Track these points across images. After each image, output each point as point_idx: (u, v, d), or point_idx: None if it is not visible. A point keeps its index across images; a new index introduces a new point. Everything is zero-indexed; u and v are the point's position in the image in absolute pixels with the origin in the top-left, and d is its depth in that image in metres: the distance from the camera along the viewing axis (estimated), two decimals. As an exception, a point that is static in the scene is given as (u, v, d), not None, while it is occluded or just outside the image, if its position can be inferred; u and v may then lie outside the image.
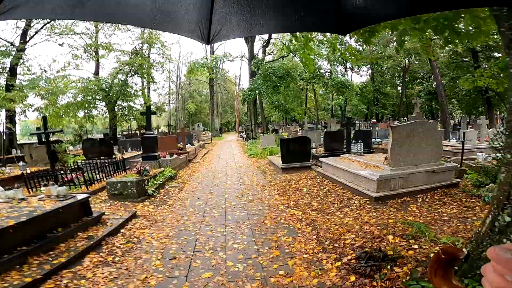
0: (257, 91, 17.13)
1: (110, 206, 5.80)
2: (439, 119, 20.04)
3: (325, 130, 16.60)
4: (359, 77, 46.57)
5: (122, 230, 4.45)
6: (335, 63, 23.54)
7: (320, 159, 8.01)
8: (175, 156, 10.08)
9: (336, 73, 22.93)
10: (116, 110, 23.66)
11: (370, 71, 39.86)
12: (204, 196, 6.36)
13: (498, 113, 26.28)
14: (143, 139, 8.99)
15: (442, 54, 22.62)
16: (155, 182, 6.88)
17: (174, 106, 48.22)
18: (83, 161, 8.90)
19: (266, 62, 19.06)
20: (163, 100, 43.80)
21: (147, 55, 28.37)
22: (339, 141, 9.30)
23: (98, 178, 7.21)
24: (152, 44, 28.09)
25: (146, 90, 32.56)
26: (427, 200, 5.42)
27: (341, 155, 7.99)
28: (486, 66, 22.04)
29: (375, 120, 25.43)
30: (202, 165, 11.33)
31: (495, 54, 19.13)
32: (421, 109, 42.64)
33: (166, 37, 45.05)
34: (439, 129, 6.56)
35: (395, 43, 30.47)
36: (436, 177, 6.01)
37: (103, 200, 6.11)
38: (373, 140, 10.97)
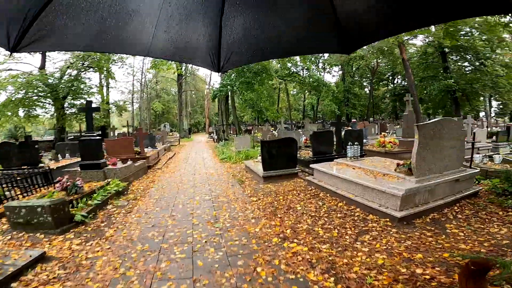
0: (229, 88, 15.43)
1: (10, 240, 3.82)
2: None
3: (314, 130, 15.39)
4: (331, 77, 46.86)
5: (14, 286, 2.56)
6: (308, 62, 22.66)
7: (311, 165, 6.54)
8: (129, 162, 8.01)
9: (313, 70, 21.94)
10: (66, 108, 20.45)
11: (341, 72, 40.15)
12: (161, 222, 4.52)
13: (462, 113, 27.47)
14: (81, 142, 6.82)
15: (414, 55, 22.82)
16: (91, 202, 4.88)
17: (138, 105, 44.64)
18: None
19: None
20: (126, 99, 40.12)
21: None
22: (328, 143, 7.95)
23: (10, 195, 5.05)
24: None
25: (105, 87, 29.34)
26: (459, 216, 4.21)
27: (334, 160, 6.61)
28: (454, 67, 22.78)
29: (355, 120, 25.02)
30: (165, 172, 9.33)
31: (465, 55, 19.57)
32: (386, 110, 44.24)
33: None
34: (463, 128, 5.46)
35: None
36: (459, 186, 4.84)
37: (2, 231, 4.06)
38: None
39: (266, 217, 4.41)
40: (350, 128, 12.03)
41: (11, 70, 19.41)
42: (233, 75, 15.80)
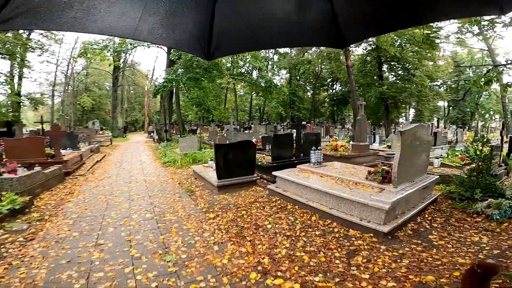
0: (175, 83, 13.79)
1: None
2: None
3: (263, 132, 14.84)
4: (279, 79, 48.00)
5: None
6: (259, 62, 22.16)
7: (274, 173, 5.82)
8: (36, 168, 6.05)
9: (264, 71, 21.37)
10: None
11: (288, 75, 41.31)
12: (82, 256, 3.16)
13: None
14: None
15: (356, 62, 24.50)
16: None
17: (61, 99, 38.21)
18: None
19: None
20: (45, 91, 33.81)
21: (25, 34, 20.47)
22: (288, 146, 7.39)
23: None
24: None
25: (16, 76, 23.98)
26: (434, 225, 4.06)
27: (297, 166, 6.03)
28: (388, 75, 25.33)
29: (305, 122, 25.56)
30: (90, 180, 7.48)
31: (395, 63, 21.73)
32: (325, 114, 47.53)
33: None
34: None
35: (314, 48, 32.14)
36: (425, 193, 4.73)
37: None
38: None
39: (232, 242, 3.45)
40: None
41: None
42: (179, 70, 14.21)
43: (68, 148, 9.91)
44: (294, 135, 7.84)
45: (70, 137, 10.59)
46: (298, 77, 41.55)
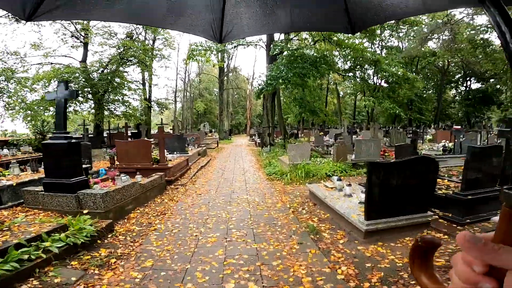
0: (280, 81, 12.06)
1: None
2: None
3: (412, 138, 11.38)
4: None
5: None
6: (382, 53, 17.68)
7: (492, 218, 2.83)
8: (137, 178, 5.15)
9: (387, 64, 16.49)
10: (104, 104, 19.24)
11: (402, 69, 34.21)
12: None
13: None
14: (45, 147, 4.08)
15: None
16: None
17: (181, 104, 44.15)
18: None
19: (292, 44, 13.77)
20: (169, 97, 39.63)
21: (149, 44, 24.00)
22: (489, 166, 4.07)
23: None
24: (156, 32, 23.69)
25: (147, 85, 28.45)
26: None
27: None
28: None
29: (458, 126, 19.80)
30: (189, 194, 6.27)
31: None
32: (454, 116, 37.04)
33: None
34: None
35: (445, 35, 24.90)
36: None
37: None
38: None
39: None
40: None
41: (51, 64, 18.77)
42: (282, 67, 12.38)
43: (176, 152, 9.50)
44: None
45: (180, 140, 10.28)
46: (414, 73, 33.80)
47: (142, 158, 7.05)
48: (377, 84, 32.34)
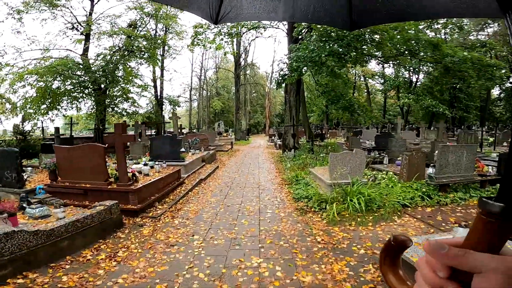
0: (309, 63, 8.95)
1: None
2: None
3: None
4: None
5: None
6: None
7: None
8: (56, 212, 2.44)
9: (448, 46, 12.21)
10: (108, 101, 17.15)
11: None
12: None
13: None
14: None
15: None
16: None
17: (197, 103, 42.14)
18: None
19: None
20: (184, 95, 37.68)
21: (158, 36, 21.73)
22: None
23: None
24: (168, 24, 21.38)
25: (158, 81, 26.41)
26: None
27: None
28: None
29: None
30: (154, 244, 3.47)
31: None
32: (500, 117, 32.07)
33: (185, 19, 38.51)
34: None
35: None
36: None
37: None
38: None
39: None
40: None
41: (52, 57, 16.88)
42: (312, 46, 9.29)
43: (164, 161, 6.78)
44: None
45: (172, 143, 7.56)
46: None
47: (93, 174, 4.35)
48: (416, 77, 28.01)
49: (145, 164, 5.32)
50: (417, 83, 29.22)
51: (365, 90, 39.07)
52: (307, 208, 4.64)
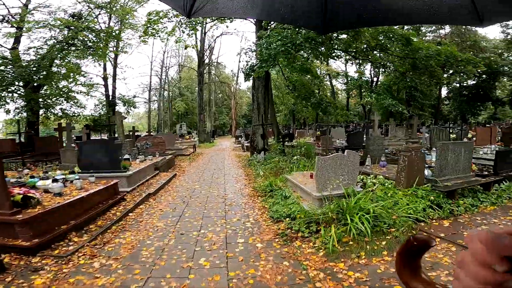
0: (289, 49, 7.68)
1: None
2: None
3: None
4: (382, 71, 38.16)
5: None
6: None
7: None
8: None
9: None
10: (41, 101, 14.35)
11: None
12: None
13: None
14: None
15: None
16: None
17: (158, 104, 39.12)
18: None
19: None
20: (142, 96, 34.55)
21: (110, 27, 19.05)
22: None
23: None
24: (124, 17, 18.83)
25: (110, 79, 23.60)
26: None
27: None
28: None
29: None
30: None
31: None
32: (448, 114, 34.77)
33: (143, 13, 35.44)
34: None
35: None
36: None
37: None
38: None
39: None
40: None
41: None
42: (284, 32, 8.14)
43: (92, 173, 5.05)
44: None
45: (109, 149, 5.78)
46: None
47: None
48: (377, 79, 28.81)
49: (55, 180, 3.64)
50: (378, 83, 30.25)
51: (330, 90, 39.63)
52: (292, 232, 3.38)
